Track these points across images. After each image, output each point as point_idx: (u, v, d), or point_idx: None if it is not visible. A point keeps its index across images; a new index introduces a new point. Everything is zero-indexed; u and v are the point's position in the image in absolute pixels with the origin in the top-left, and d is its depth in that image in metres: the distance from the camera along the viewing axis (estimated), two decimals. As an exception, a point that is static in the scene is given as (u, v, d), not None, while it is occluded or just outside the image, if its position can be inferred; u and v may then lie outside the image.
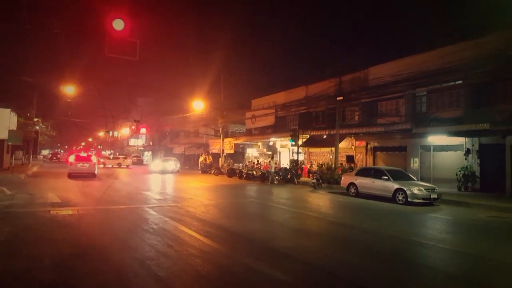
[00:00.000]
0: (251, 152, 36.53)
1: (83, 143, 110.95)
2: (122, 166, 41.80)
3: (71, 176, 22.55)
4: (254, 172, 25.28)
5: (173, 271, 5.32)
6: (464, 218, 11.63)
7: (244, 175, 25.60)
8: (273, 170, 22.89)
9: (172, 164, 33.33)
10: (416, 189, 13.81)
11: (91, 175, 23.28)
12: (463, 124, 16.73)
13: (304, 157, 28.88)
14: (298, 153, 25.91)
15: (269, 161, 24.47)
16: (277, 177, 22.71)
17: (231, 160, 33.59)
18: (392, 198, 14.33)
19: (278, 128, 31.10)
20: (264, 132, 33.20)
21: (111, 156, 50.69)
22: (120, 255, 6.11)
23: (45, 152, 79.43)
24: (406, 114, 21.18)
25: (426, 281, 5.52)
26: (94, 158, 25.13)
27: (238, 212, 11.70)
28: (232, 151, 35.31)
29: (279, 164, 28.59)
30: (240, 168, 28.20)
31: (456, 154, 19.00)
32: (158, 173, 30.64)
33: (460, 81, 18.21)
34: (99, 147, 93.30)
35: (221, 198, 15.31)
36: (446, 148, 19.69)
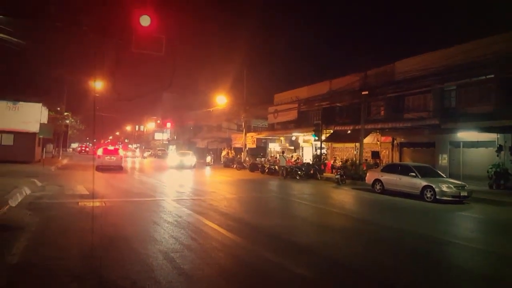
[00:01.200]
0: (274, 147, 36.42)
1: (110, 137, 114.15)
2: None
3: (99, 168, 23.18)
4: (276, 167, 25.19)
5: (196, 264, 5.34)
6: (496, 217, 11.17)
7: (266, 170, 25.56)
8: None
9: (190, 158, 30.89)
10: (445, 186, 13.34)
11: (118, 168, 23.88)
12: (495, 120, 16.03)
13: (327, 153, 28.51)
14: (321, 148, 25.60)
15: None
16: (299, 172, 22.54)
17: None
18: (419, 195, 13.91)
19: (300, 123, 30.82)
20: (287, 127, 33.00)
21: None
22: (145, 246, 6.20)
23: (74, 145, 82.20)
24: (434, 109, 20.49)
25: (456, 282, 5.31)
26: (121, 152, 25.77)
27: (261, 207, 11.68)
28: (254, 146, 35.32)
29: (302, 159, 28.37)
30: (262, 162, 28.16)
31: (488, 151, 18.25)
32: (174, 168, 28.20)
33: (492, 75, 17.43)
34: (126, 140, 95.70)
35: (243, 192, 15.33)
36: (477, 145, 18.94)
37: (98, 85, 29.99)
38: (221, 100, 36.01)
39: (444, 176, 15.34)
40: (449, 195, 13.20)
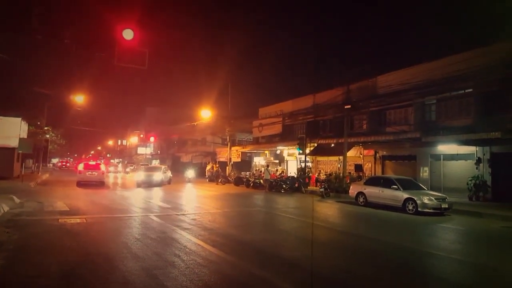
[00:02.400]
0: (258, 161, 36.45)
1: (92, 152, 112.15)
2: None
3: (80, 184, 22.70)
4: (261, 181, 25.17)
5: (180, 281, 5.26)
6: (476, 229, 11.40)
7: (251, 184, 25.50)
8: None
9: (159, 174, 25.65)
10: (427, 199, 13.59)
11: (100, 184, 23.41)
12: (474, 133, 16.49)
13: (312, 166, 28.71)
14: (305, 161, 25.78)
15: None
16: (284, 186, 22.62)
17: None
18: (401, 208, 14.11)
19: (285, 136, 31.02)
20: (271, 140, 33.15)
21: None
22: (127, 264, 6.07)
23: (54, 160, 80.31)
24: (415, 122, 20.97)
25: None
26: (103, 167, 25.30)
27: (245, 221, 11.61)
28: (239, 160, 35.28)
29: (286, 172, 28.47)
30: (247, 176, 28.09)
31: (467, 163, 18.72)
32: (141, 187, 23.53)
33: (470, 89, 18.03)
34: (108, 155, 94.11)
35: (228, 207, 15.24)
36: (457, 157, 19.41)
37: (79, 99, 29.68)
38: (205, 114, 36.01)
39: (425, 188, 15.62)
40: (430, 207, 13.43)
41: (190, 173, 32.04)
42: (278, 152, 32.40)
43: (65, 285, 4.95)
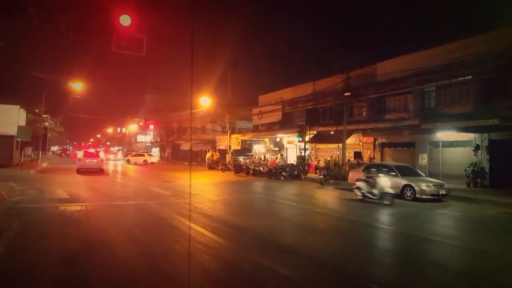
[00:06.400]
0: (258, 148, 36.48)
1: (91, 139, 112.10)
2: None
3: (80, 171, 22.81)
4: (261, 168, 25.24)
5: (180, 267, 5.32)
6: (473, 215, 11.50)
7: (251, 171, 25.57)
8: (283, 163, 24.12)
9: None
10: (425, 185, 13.67)
11: (99, 171, 23.57)
12: (473, 120, 16.51)
13: (311, 153, 28.78)
14: (305, 149, 25.83)
15: (278, 156, 25.06)
16: (284, 173, 22.72)
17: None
18: (400, 195, 14.18)
19: (285, 124, 31.01)
20: (271, 128, 33.13)
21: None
22: (127, 250, 6.14)
23: (54, 148, 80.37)
24: (414, 109, 20.97)
25: (436, 278, 5.45)
26: (102, 154, 25.40)
27: (245, 208, 11.70)
28: (239, 147, 35.31)
29: (285, 160, 28.58)
30: (247, 164, 28.16)
31: (465, 150, 18.77)
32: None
33: (469, 77, 17.97)
34: (107, 143, 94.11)
35: (228, 194, 15.32)
36: (455, 144, 19.46)
37: (78, 86, 29.50)
38: (205, 101, 35.87)
39: (424, 175, 15.70)
40: (428, 194, 13.52)
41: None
42: (277, 139, 32.43)
43: (68, 271, 5.01)
